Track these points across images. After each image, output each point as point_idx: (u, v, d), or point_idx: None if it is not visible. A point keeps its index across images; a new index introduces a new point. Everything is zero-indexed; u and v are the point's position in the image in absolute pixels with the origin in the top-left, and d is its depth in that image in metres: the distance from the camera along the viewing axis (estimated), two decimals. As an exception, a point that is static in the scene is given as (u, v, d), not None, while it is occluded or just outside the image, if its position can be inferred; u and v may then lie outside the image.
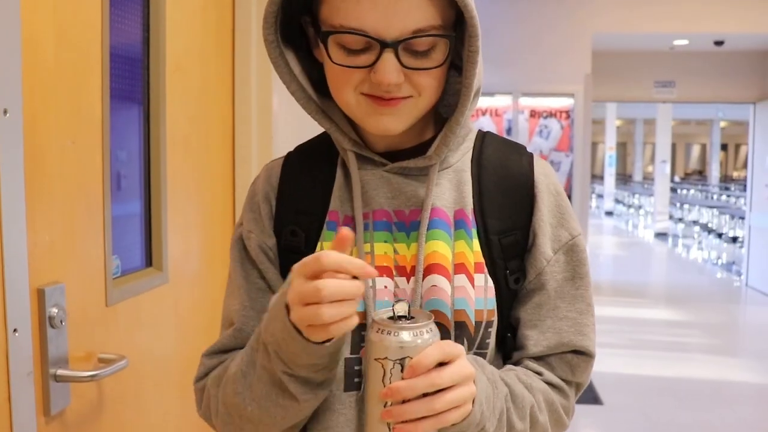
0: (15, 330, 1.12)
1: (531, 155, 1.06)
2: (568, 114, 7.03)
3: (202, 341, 1.85)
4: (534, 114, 7.08)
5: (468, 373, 0.84)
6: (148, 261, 1.65)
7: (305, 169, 1.06)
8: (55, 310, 1.22)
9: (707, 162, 29.55)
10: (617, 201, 21.29)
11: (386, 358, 0.81)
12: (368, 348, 0.83)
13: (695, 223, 14.44)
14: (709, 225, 13.25)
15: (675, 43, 8.32)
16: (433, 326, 0.84)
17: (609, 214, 20.51)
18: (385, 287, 0.97)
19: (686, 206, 15.76)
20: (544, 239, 1.01)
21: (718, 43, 8.11)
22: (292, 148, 1.12)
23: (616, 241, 14.86)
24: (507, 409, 0.93)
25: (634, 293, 8.74)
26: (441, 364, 0.81)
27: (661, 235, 15.14)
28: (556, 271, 1.02)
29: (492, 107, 7.10)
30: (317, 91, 1.02)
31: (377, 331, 0.82)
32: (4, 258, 1.10)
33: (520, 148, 1.06)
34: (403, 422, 0.81)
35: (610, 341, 6.30)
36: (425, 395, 0.80)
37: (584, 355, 1.03)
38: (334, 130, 1.00)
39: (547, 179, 1.04)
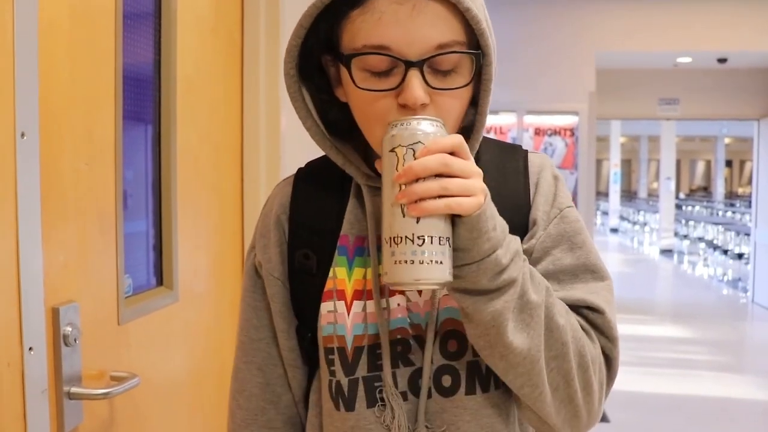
0: (30, 348, 1.14)
1: (525, 153, 1.06)
2: (572, 132, 7.06)
3: (212, 359, 1.87)
4: (538, 132, 7.11)
5: (478, 171, 0.82)
6: (159, 280, 1.67)
7: (317, 190, 1.06)
8: (69, 329, 1.24)
9: (712, 178, 29.54)
10: (622, 218, 21.27)
11: (399, 145, 0.81)
12: (384, 144, 0.83)
13: (700, 239, 14.42)
14: (715, 241, 13.23)
15: (678, 60, 8.36)
16: (444, 125, 0.84)
17: (614, 231, 20.50)
18: (399, 305, 0.98)
19: (691, 223, 15.75)
20: (540, 225, 1.00)
21: (722, 61, 8.14)
22: (299, 167, 1.13)
23: (622, 258, 14.84)
24: (523, 272, 0.87)
25: (639, 310, 8.72)
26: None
27: (667, 252, 15.12)
28: (549, 246, 0.99)
29: (496, 125, 7.13)
30: (329, 130, 1.01)
31: (392, 127, 0.83)
32: (21, 277, 1.12)
33: (515, 150, 1.06)
34: (416, 202, 0.79)
35: (616, 358, 6.27)
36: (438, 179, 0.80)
37: (600, 313, 0.95)
38: (348, 165, 1.00)
39: (540, 170, 1.03)
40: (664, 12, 7.07)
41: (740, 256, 11.67)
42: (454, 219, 0.81)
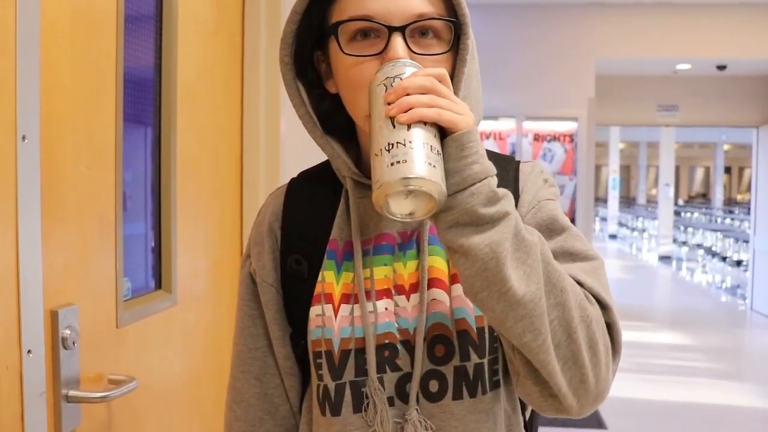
0: (29, 351, 1.15)
1: (517, 163, 1.07)
2: (571, 138, 7.07)
3: (210, 363, 1.87)
4: (538, 138, 7.11)
5: (465, 103, 0.85)
6: (158, 283, 1.68)
7: (309, 198, 1.08)
8: (68, 332, 1.24)
9: (711, 185, 29.58)
10: (621, 224, 21.28)
11: (387, 77, 0.85)
12: (372, 84, 0.87)
13: (699, 246, 14.42)
14: (713, 248, 13.23)
15: (678, 67, 8.37)
16: None
17: (613, 237, 20.50)
18: (386, 309, 0.99)
19: (690, 229, 15.76)
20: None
21: (721, 68, 8.15)
22: (298, 170, 1.15)
23: (620, 264, 14.84)
24: (516, 212, 0.84)
25: (638, 317, 8.71)
26: None
27: (665, 259, 15.13)
28: None
29: (496, 131, 7.14)
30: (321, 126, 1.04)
31: (380, 70, 0.87)
32: (20, 280, 1.13)
33: (508, 161, 1.07)
34: (407, 110, 0.80)
35: (614, 365, 6.27)
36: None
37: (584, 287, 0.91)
38: (336, 156, 1.02)
39: (529, 177, 1.04)
40: (663, 19, 7.09)
41: (739, 263, 11.67)
42: (444, 141, 0.81)
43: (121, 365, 1.45)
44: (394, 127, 0.79)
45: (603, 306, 0.90)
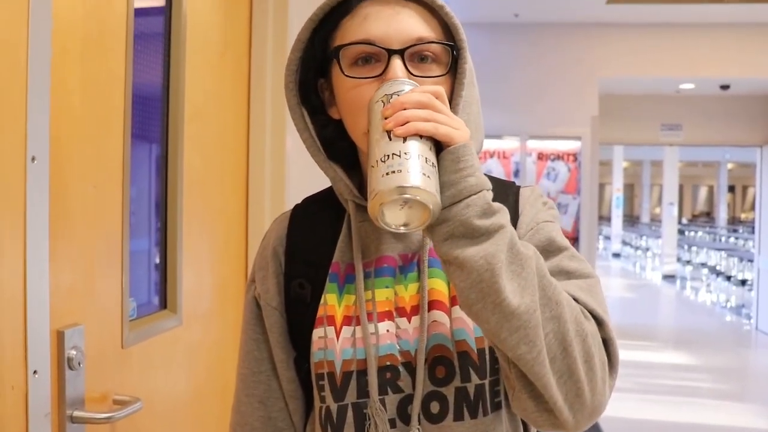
0: (35, 371, 1.15)
1: (518, 188, 1.08)
2: (575, 156, 7.08)
3: (214, 383, 1.87)
4: (542, 156, 7.13)
5: (461, 120, 0.87)
6: (163, 303, 1.68)
7: (313, 223, 1.10)
8: (73, 352, 1.25)
9: (715, 204, 29.55)
10: (624, 243, 21.24)
11: (385, 94, 0.87)
12: (371, 102, 0.89)
13: (703, 265, 14.38)
14: (718, 267, 13.19)
15: (681, 87, 8.40)
16: None
17: (616, 255, 20.45)
18: (387, 331, 0.99)
19: (694, 248, 15.72)
20: None
21: (724, 87, 8.18)
22: (303, 192, 1.17)
23: (624, 283, 14.80)
24: (510, 225, 0.85)
25: (641, 336, 8.69)
26: None
27: (669, 278, 15.08)
28: None
29: (500, 149, 7.16)
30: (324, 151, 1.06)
31: (378, 88, 0.89)
32: (27, 301, 1.13)
33: (508, 187, 1.08)
34: (404, 124, 0.82)
35: (617, 385, 6.23)
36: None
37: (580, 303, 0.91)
38: (338, 180, 1.04)
39: (528, 200, 1.06)
40: (666, 38, 7.12)
41: (743, 282, 11.63)
42: (440, 154, 0.83)
43: (126, 385, 1.45)
44: (390, 139, 0.81)
45: (599, 321, 0.91)
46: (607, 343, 0.91)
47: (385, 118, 0.83)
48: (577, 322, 0.86)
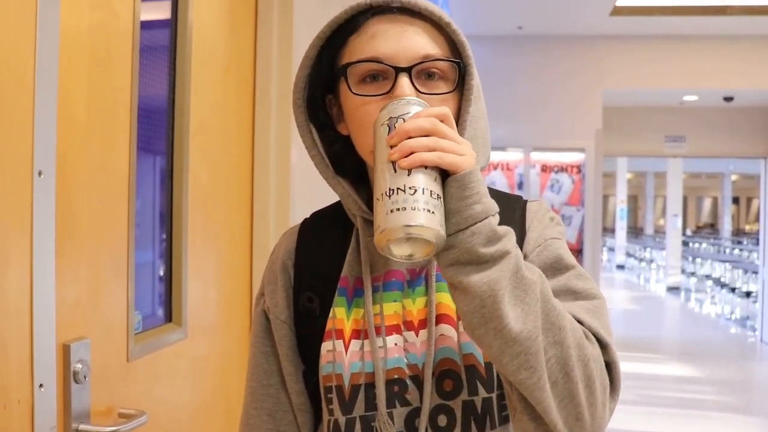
0: (41, 385, 1.15)
1: (524, 202, 1.09)
2: (579, 168, 7.09)
3: (219, 396, 1.87)
4: (545, 168, 7.13)
5: (467, 141, 0.86)
6: (168, 315, 1.68)
7: (321, 237, 1.10)
8: (79, 366, 1.25)
9: (719, 215, 29.49)
10: (629, 254, 21.20)
11: (390, 117, 0.86)
12: (376, 123, 0.88)
13: (708, 277, 14.35)
14: (722, 279, 13.16)
15: (685, 98, 8.41)
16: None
17: (620, 267, 20.42)
18: (395, 344, 1.00)
19: (698, 260, 15.69)
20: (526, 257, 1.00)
21: (728, 99, 8.19)
22: (308, 205, 1.18)
23: (628, 295, 14.77)
24: (516, 249, 0.85)
25: (646, 348, 8.66)
26: None
27: (674, 290, 15.05)
28: None
29: (503, 161, 7.17)
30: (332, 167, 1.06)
31: (384, 108, 0.88)
32: (33, 314, 1.14)
33: (514, 201, 1.09)
34: (409, 155, 0.81)
35: (621, 397, 6.21)
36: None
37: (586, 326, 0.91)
38: (347, 196, 1.04)
39: (536, 215, 1.06)
40: (670, 50, 7.14)
41: (748, 294, 11.59)
42: (446, 181, 0.83)
43: (131, 399, 1.45)
44: (395, 171, 0.81)
45: (602, 345, 0.91)
46: (609, 367, 0.92)
47: (391, 146, 0.83)
48: (580, 347, 0.87)
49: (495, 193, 1.09)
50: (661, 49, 7.13)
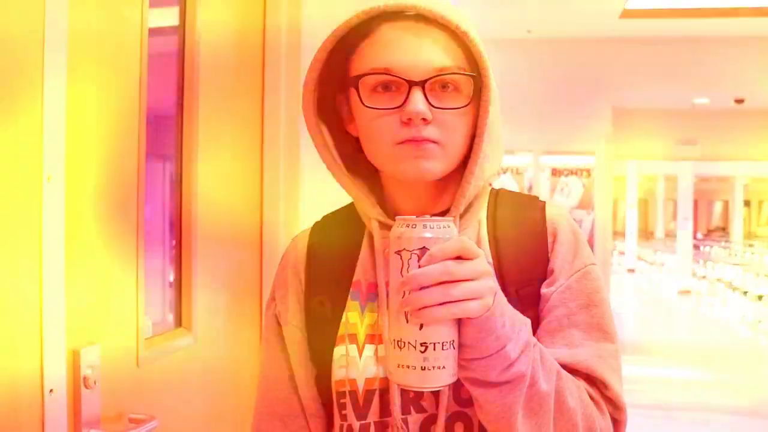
0: (51, 390, 1.15)
1: (543, 204, 1.08)
2: (589, 172, 7.06)
3: (229, 401, 1.87)
4: (555, 172, 7.12)
5: (487, 270, 0.82)
6: (178, 320, 1.68)
7: (332, 240, 1.09)
8: (89, 371, 1.25)
9: (730, 219, 29.32)
10: (639, 258, 21.12)
11: (404, 249, 0.81)
12: (391, 241, 0.83)
13: (719, 280, 14.26)
14: (734, 283, 13.08)
15: (696, 101, 8.38)
16: (453, 225, 0.83)
17: (631, 271, 20.33)
18: None
19: (710, 264, 15.60)
20: (560, 274, 1.01)
21: (739, 102, 8.15)
22: (318, 209, 1.16)
23: (639, 299, 14.71)
24: (533, 361, 0.87)
25: (657, 352, 8.61)
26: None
27: (685, 293, 14.97)
28: (567, 298, 1.00)
29: (513, 166, 7.15)
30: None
31: (398, 226, 0.83)
32: (43, 320, 1.14)
33: (533, 201, 1.09)
34: (419, 309, 0.79)
35: (632, 401, 6.15)
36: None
37: (606, 387, 0.97)
38: (360, 199, 1.04)
39: (560, 220, 1.05)
40: (680, 52, 7.11)
41: (760, 297, 11.52)
42: (462, 319, 0.82)
43: (141, 404, 1.45)
44: (407, 321, 0.81)
45: (616, 406, 0.98)
46: (618, 425, 0.98)
47: (403, 291, 0.80)
48: (589, 428, 0.93)
49: (512, 197, 1.09)
50: (671, 52, 7.10)
